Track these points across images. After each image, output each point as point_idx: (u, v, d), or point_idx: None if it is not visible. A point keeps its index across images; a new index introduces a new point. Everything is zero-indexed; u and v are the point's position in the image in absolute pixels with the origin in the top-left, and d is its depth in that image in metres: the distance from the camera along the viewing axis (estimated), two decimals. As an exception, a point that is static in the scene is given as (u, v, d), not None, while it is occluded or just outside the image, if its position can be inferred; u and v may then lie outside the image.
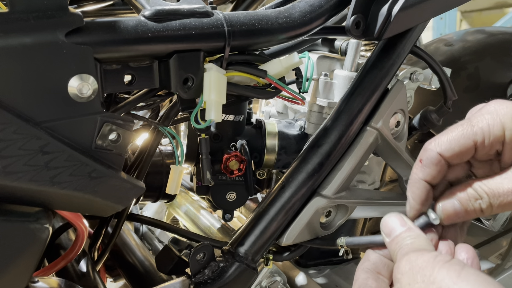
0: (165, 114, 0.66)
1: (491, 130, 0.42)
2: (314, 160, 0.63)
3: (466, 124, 0.44)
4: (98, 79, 0.44)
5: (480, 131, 0.43)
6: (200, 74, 0.52)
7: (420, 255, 0.40)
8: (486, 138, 0.43)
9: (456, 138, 0.44)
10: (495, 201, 0.41)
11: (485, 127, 0.43)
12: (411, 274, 0.38)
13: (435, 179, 0.45)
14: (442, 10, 0.65)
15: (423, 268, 0.38)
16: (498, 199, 0.41)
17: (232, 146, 0.78)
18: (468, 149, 0.44)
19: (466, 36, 1.10)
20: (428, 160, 0.45)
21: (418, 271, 0.38)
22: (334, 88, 0.77)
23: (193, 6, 0.51)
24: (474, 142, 0.43)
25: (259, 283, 0.80)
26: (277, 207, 0.62)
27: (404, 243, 0.43)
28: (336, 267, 0.95)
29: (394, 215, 0.46)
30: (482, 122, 0.43)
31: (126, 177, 0.50)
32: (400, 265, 0.40)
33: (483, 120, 0.43)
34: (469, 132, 0.43)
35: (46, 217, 0.46)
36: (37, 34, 0.40)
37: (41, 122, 0.42)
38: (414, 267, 0.38)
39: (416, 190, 0.46)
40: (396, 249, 0.43)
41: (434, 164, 0.45)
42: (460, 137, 0.44)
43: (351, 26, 0.59)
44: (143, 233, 1.08)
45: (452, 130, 0.45)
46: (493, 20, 3.19)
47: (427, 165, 0.45)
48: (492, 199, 0.41)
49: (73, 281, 0.68)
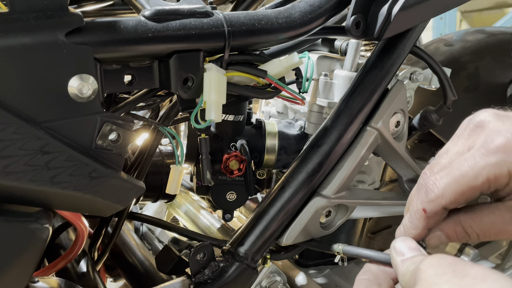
0: (165, 114, 0.66)
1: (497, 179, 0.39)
2: (314, 160, 0.63)
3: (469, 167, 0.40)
4: (98, 79, 0.44)
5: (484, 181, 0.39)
6: (200, 74, 0.52)
7: (446, 255, 0.38)
8: (492, 186, 0.40)
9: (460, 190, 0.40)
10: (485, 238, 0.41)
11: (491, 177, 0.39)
12: (439, 266, 0.37)
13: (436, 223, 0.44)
14: (442, 10, 0.65)
15: (453, 264, 0.37)
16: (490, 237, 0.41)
17: (232, 146, 0.78)
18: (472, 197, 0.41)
19: (466, 36, 1.10)
20: (432, 213, 0.43)
21: (448, 265, 0.37)
22: (334, 88, 0.77)
23: (193, 6, 0.51)
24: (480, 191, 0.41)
25: (259, 283, 0.80)
26: (277, 207, 0.62)
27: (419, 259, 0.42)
28: (336, 267, 0.95)
29: (405, 237, 0.45)
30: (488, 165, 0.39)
31: (126, 177, 0.50)
32: (426, 260, 0.39)
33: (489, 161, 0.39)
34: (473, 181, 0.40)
35: (46, 217, 0.46)
36: (37, 34, 0.40)
37: (41, 122, 0.42)
38: (443, 262, 0.37)
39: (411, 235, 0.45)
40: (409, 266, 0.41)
41: (438, 216, 0.43)
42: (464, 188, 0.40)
43: (351, 26, 0.59)
44: (143, 233, 1.08)
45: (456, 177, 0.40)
46: (493, 20, 3.18)
47: (431, 216, 0.43)
48: (482, 238, 0.41)
49: (73, 281, 0.68)
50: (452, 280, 0.35)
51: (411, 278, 0.40)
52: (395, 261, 0.44)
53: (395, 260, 0.44)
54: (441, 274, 0.36)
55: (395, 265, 0.43)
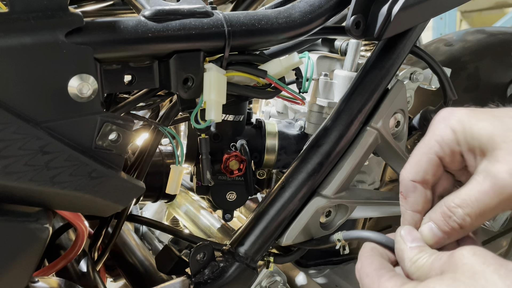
0: (165, 114, 0.66)
1: (444, 138, 0.42)
2: (314, 160, 0.63)
3: (422, 141, 0.44)
4: (98, 79, 0.44)
5: (435, 144, 0.43)
6: (200, 74, 0.52)
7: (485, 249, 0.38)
8: (444, 148, 0.42)
9: (418, 160, 0.44)
10: (470, 211, 0.40)
11: (438, 138, 0.42)
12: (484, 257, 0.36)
13: (424, 205, 0.45)
14: (442, 10, 0.65)
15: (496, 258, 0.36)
16: (472, 208, 0.39)
17: (232, 146, 0.78)
18: (434, 165, 0.43)
19: (466, 36, 1.10)
20: (406, 190, 0.44)
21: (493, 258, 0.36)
22: (334, 88, 0.77)
23: (193, 6, 0.51)
24: (437, 155, 0.43)
25: (259, 283, 0.80)
26: (277, 207, 0.62)
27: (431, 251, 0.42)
28: (336, 267, 0.94)
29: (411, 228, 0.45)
30: (435, 134, 0.43)
31: (126, 177, 0.50)
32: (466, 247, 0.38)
33: (435, 131, 0.43)
34: (427, 149, 0.43)
35: (46, 217, 0.46)
36: (37, 34, 0.40)
37: (41, 122, 0.42)
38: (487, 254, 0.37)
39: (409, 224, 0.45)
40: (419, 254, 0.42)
41: (413, 192, 0.44)
42: (421, 156, 0.44)
43: (351, 26, 0.59)
44: (143, 233, 1.08)
45: (414, 153, 0.44)
46: (493, 20, 3.19)
47: (408, 195, 0.44)
48: (465, 209, 0.40)
49: (73, 281, 0.68)
50: (499, 270, 0.35)
51: (432, 266, 0.39)
52: (401, 246, 0.44)
53: (402, 245, 0.44)
54: (487, 264, 0.36)
55: (402, 249, 0.43)
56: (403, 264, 0.43)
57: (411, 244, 0.43)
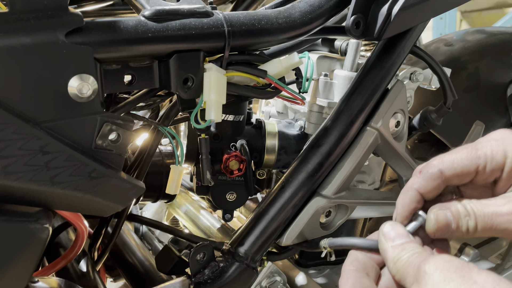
0: (165, 114, 0.66)
1: (494, 156, 0.43)
2: (314, 160, 0.63)
3: (471, 148, 0.44)
4: (98, 79, 0.44)
5: (483, 156, 0.43)
6: (200, 74, 0.52)
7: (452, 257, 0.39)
8: (488, 164, 0.43)
9: (460, 159, 0.44)
10: (480, 222, 0.41)
11: (488, 153, 0.43)
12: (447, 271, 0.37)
13: (428, 193, 0.45)
14: (442, 10, 0.65)
15: (461, 269, 0.37)
16: (483, 220, 0.41)
17: (232, 146, 0.78)
18: (470, 172, 0.44)
19: (466, 36, 1.10)
20: (427, 173, 0.45)
21: (456, 271, 0.37)
22: (334, 88, 0.77)
23: (193, 6, 0.51)
24: (477, 165, 0.43)
25: (259, 283, 0.80)
26: (277, 207, 0.62)
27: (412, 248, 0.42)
28: (336, 267, 0.94)
29: (394, 223, 0.46)
30: (486, 148, 0.43)
31: (126, 177, 0.50)
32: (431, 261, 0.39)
33: (488, 146, 0.44)
34: (473, 156, 0.44)
35: (46, 217, 0.46)
36: (37, 34, 0.40)
37: (41, 122, 0.42)
38: (450, 267, 0.37)
39: (406, 199, 0.46)
40: (400, 253, 0.42)
41: (432, 179, 0.44)
42: (463, 158, 0.44)
43: (351, 26, 0.59)
44: (143, 233, 1.08)
45: (457, 151, 0.45)
46: (493, 20, 3.19)
47: (425, 178, 0.45)
48: (478, 218, 0.41)
49: (73, 281, 0.68)
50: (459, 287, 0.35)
51: (407, 271, 0.40)
52: (384, 246, 0.44)
53: (384, 245, 0.44)
54: (448, 280, 0.36)
55: (384, 250, 0.44)
56: (387, 265, 0.44)
57: (393, 243, 0.43)
